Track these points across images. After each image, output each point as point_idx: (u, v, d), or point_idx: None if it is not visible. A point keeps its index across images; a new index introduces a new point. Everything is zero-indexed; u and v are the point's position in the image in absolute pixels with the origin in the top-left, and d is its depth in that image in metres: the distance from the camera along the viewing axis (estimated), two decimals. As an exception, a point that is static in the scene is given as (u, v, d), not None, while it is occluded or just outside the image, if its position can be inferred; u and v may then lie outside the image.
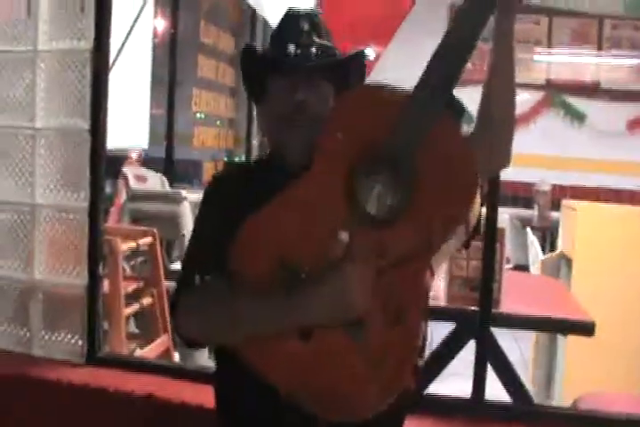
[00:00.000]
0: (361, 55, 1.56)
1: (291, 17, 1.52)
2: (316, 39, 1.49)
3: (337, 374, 1.29)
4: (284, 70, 1.47)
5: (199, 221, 1.55)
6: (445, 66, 1.29)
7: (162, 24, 6.77)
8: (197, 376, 2.30)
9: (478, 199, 1.33)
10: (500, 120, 1.42)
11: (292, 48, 1.46)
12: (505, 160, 1.47)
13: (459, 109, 1.45)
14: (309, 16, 1.52)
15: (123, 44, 4.28)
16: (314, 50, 1.47)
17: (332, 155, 1.33)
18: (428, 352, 2.59)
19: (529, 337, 4.25)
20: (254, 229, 1.34)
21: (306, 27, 1.49)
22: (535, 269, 4.20)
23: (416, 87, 1.30)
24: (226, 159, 8.09)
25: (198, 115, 7.28)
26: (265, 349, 1.31)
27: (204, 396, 2.14)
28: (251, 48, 1.55)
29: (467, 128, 1.43)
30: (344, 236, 1.26)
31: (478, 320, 2.17)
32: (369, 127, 1.31)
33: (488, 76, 1.41)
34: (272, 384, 1.30)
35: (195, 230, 1.53)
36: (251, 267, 1.34)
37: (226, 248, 1.34)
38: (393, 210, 1.28)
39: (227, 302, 1.34)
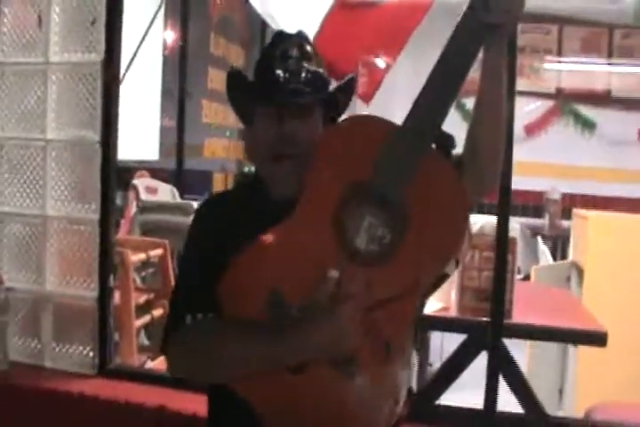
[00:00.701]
0: (352, 81, 1.52)
1: (278, 42, 1.47)
2: (305, 64, 1.44)
3: (326, 410, 1.28)
4: (272, 102, 1.43)
5: (186, 259, 1.51)
6: (433, 101, 1.28)
7: (172, 36, 6.80)
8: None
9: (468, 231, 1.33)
10: (488, 148, 1.39)
11: (280, 75, 1.41)
12: (491, 186, 1.46)
13: (449, 144, 1.42)
14: (298, 40, 1.47)
15: (133, 57, 4.30)
16: (303, 76, 1.42)
17: (320, 190, 1.32)
18: (439, 363, 2.58)
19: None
20: (243, 267, 1.32)
21: (294, 52, 1.44)
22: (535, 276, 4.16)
23: (404, 121, 1.29)
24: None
25: (206, 128, 7.30)
26: (255, 383, 1.30)
27: (215, 408, 2.15)
28: (236, 73, 1.51)
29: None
30: (334, 273, 1.24)
31: (490, 331, 2.16)
32: (357, 161, 1.30)
33: (476, 106, 1.38)
34: (260, 419, 1.29)
35: (181, 267, 1.51)
36: (240, 304, 1.32)
37: (215, 284, 1.32)
38: (382, 248, 1.27)
39: (217, 340, 1.33)
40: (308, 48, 1.46)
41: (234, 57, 7.81)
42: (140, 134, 5.93)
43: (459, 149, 1.40)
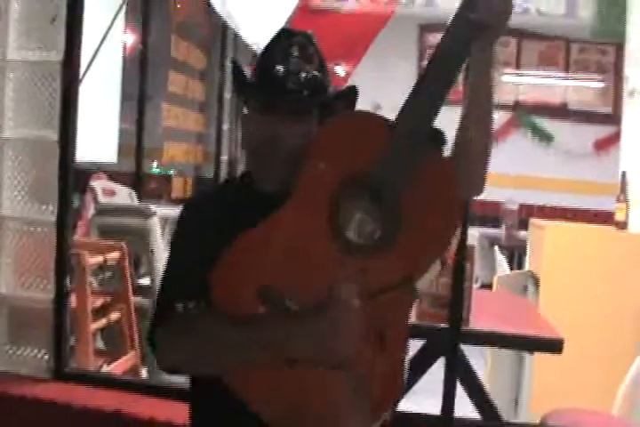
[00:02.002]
0: (352, 91, 1.49)
1: (282, 38, 1.45)
2: (306, 66, 1.42)
3: (322, 402, 1.28)
4: (268, 99, 1.41)
5: (176, 248, 1.49)
6: (426, 99, 1.30)
7: (132, 38, 6.75)
8: (165, 392, 2.28)
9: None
10: (475, 150, 1.41)
11: (279, 71, 1.40)
12: (478, 189, 1.47)
13: (441, 139, 1.43)
14: (302, 40, 1.44)
15: (93, 57, 4.26)
16: (302, 76, 1.40)
17: (315, 183, 1.33)
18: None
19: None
20: (236, 257, 1.32)
21: (296, 52, 1.42)
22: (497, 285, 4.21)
23: (399, 116, 1.31)
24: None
25: (165, 131, 7.25)
26: (249, 375, 1.29)
27: (172, 412, 2.13)
28: (235, 66, 1.50)
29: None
30: (339, 276, 1.25)
31: (448, 337, 2.17)
32: (351, 156, 1.32)
33: (465, 109, 1.40)
34: (255, 412, 1.28)
35: (171, 257, 1.48)
36: (232, 295, 1.31)
37: (206, 275, 1.31)
38: (376, 240, 1.28)
39: (211, 331, 1.32)
40: (311, 50, 1.44)
41: (195, 60, 7.78)
42: (99, 137, 5.87)
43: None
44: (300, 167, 1.34)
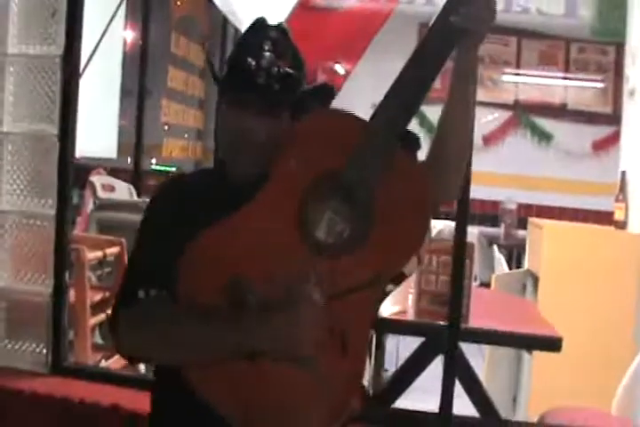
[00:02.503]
0: (326, 88, 1.49)
1: (256, 31, 1.44)
2: (278, 60, 1.40)
3: (284, 397, 1.27)
4: (237, 94, 1.41)
5: (142, 233, 1.48)
6: (401, 100, 1.29)
7: (132, 34, 6.74)
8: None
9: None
10: (451, 156, 1.40)
11: (250, 65, 1.38)
12: (452, 194, 1.48)
13: (414, 143, 1.43)
14: (276, 33, 1.43)
15: (93, 53, 4.25)
16: (274, 71, 1.39)
17: (286, 180, 1.32)
18: (394, 369, 2.58)
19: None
20: (205, 248, 1.31)
21: (269, 46, 1.41)
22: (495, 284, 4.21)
23: (373, 116, 1.30)
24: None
25: (167, 127, 7.24)
26: (210, 369, 1.28)
27: (170, 407, 2.12)
28: (208, 60, 1.50)
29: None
30: (304, 273, 1.24)
31: (447, 335, 2.17)
32: (324, 154, 1.31)
33: (444, 112, 1.38)
34: (215, 408, 1.28)
35: (138, 241, 1.47)
36: (198, 285, 1.30)
37: (171, 262, 1.30)
38: (345, 241, 1.27)
39: (171, 320, 1.31)
40: (285, 45, 1.43)
41: (194, 56, 7.77)
42: (99, 132, 5.86)
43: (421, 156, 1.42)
44: (273, 162, 1.33)
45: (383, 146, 1.28)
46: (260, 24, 1.45)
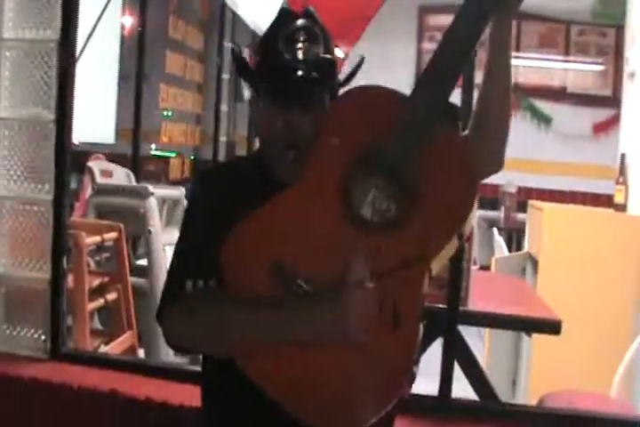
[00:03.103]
0: (360, 64, 1.50)
1: (284, 22, 1.42)
2: (313, 48, 1.39)
3: (335, 382, 1.26)
4: (280, 90, 1.39)
5: (188, 224, 1.47)
6: (440, 73, 1.29)
7: (130, 19, 6.71)
8: (162, 372, 2.28)
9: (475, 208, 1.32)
10: (494, 125, 1.41)
11: (286, 59, 1.37)
12: (497, 165, 1.46)
13: (456, 115, 1.42)
14: (304, 20, 1.41)
15: (89, 37, 4.23)
16: (310, 60, 1.38)
17: (327, 159, 1.31)
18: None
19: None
20: (247, 235, 1.30)
21: (301, 35, 1.39)
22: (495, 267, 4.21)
23: (413, 92, 1.29)
24: (193, 157, 8.05)
25: (165, 112, 7.21)
26: (260, 355, 1.27)
27: (169, 392, 2.13)
28: (239, 57, 1.46)
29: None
30: (369, 284, 1.21)
31: (446, 318, 2.16)
32: (364, 131, 1.30)
33: (482, 85, 1.39)
34: (268, 395, 1.26)
35: (183, 233, 1.46)
36: (243, 273, 1.30)
37: (217, 252, 1.29)
38: (390, 217, 1.26)
39: (220, 310, 1.30)
40: (315, 29, 1.41)
41: (192, 41, 7.73)
42: (97, 117, 5.85)
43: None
44: (312, 143, 1.32)
45: (424, 120, 1.27)
46: (286, 13, 1.44)
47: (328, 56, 1.42)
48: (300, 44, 1.38)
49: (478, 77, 1.44)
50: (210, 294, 1.33)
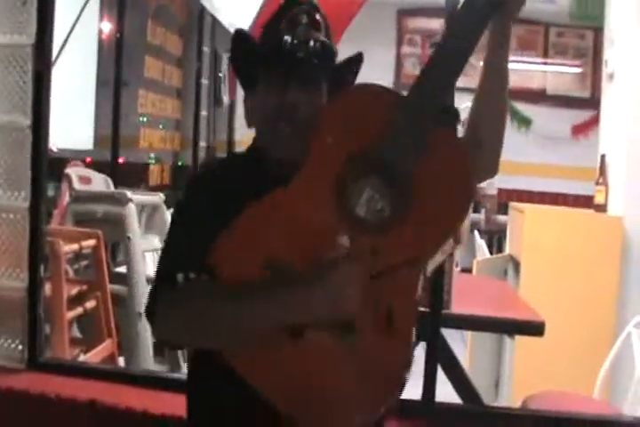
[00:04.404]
0: (360, 57, 1.52)
1: (288, 8, 1.44)
2: (314, 33, 1.42)
3: (330, 383, 1.25)
4: (278, 69, 1.41)
5: (180, 217, 1.47)
6: (438, 73, 1.28)
7: (108, 25, 6.66)
8: (142, 381, 2.26)
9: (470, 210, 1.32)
10: (490, 131, 1.40)
11: (287, 41, 1.39)
12: (492, 170, 1.45)
13: (454, 117, 1.43)
14: (308, 8, 1.44)
15: (65, 42, 4.20)
16: (311, 45, 1.40)
17: (323, 157, 1.30)
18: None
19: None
20: (241, 231, 1.30)
21: (304, 19, 1.42)
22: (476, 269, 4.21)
23: (411, 91, 1.29)
24: (180, 163, 8.02)
25: (142, 118, 7.17)
26: (252, 352, 1.26)
27: (150, 401, 2.10)
28: (242, 33, 1.48)
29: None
30: (344, 240, 1.23)
31: (429, 321, 2.15)
32: (361, 130, 1.29)
33: (479, 87, 1.39)
34: (262, 396, 1.25)
35: (174, 227, 1.45)
36: (237, 268, 1.29)
37: (209, 246, 1.29)
38: (386, 217, 1.25)
39: (213, 301, 1.28)
40: (318, 17, 1.44)
41: (171, 46, 7.70)
42: (75, 123, 5.80)
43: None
44: (309, 141, 1.32)
45: (420, 120, 1.26)
46: (292, 1, 1.46)
47: (328, 41, 1.44)
48: (301, 27, 1.41)
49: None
50: (203, 285, 1.32)
